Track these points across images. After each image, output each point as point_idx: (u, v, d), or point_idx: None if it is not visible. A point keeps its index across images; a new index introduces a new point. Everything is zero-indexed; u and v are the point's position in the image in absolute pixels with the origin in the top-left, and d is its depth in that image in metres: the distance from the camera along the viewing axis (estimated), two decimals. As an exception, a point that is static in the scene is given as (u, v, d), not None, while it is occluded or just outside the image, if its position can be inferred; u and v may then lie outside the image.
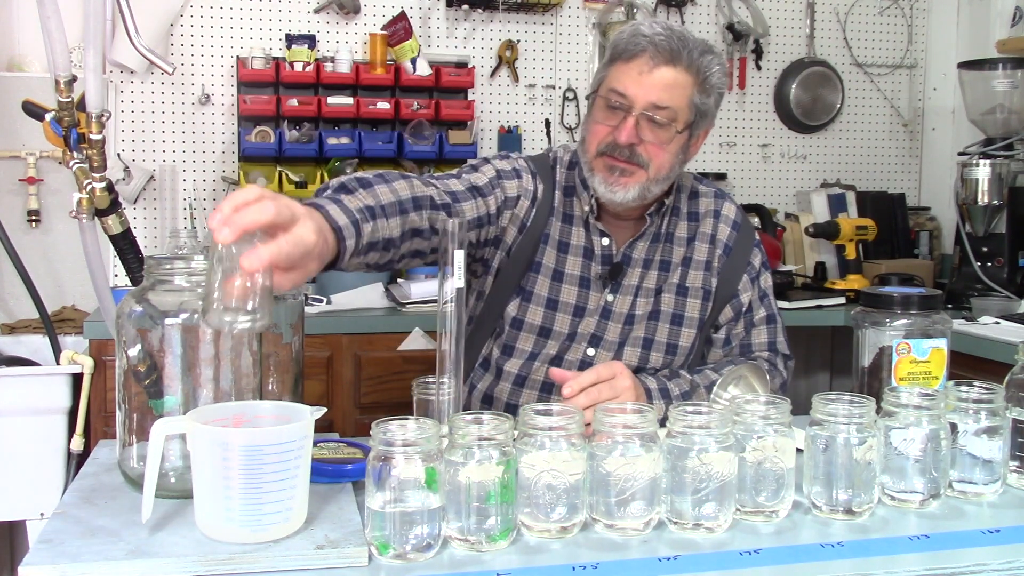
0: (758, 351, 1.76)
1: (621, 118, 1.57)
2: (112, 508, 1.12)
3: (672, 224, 1.74)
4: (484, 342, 1.73)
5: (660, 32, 1.57)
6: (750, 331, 1.76)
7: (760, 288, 1.77)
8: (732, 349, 1.76)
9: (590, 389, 1.41)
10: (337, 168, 3.19)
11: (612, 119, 1.59)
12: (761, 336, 1.76)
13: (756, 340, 1.76)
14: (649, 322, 1.70)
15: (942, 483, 1.20)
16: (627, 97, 1.57)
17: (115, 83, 3.16)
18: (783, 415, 1.15)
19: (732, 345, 1.76)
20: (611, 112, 1.59)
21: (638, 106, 1.56)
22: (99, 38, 1.53)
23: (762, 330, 1.76)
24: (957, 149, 3.41)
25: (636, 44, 1.56)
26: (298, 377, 1.43)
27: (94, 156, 1.51)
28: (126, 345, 1.18)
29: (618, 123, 1.58)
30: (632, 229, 1.71)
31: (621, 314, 1.70)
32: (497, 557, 1.03)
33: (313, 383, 2.70)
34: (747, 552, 1.05)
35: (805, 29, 3.77)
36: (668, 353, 1.70)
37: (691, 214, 1.76)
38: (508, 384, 1.70)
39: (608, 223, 1.70)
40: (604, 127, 1.60)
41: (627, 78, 1.57)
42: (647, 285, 1.71)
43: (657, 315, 1.70)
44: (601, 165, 1.61)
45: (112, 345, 1.24)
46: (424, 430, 1.03)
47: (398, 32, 3.26)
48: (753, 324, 1.76)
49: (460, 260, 1.30)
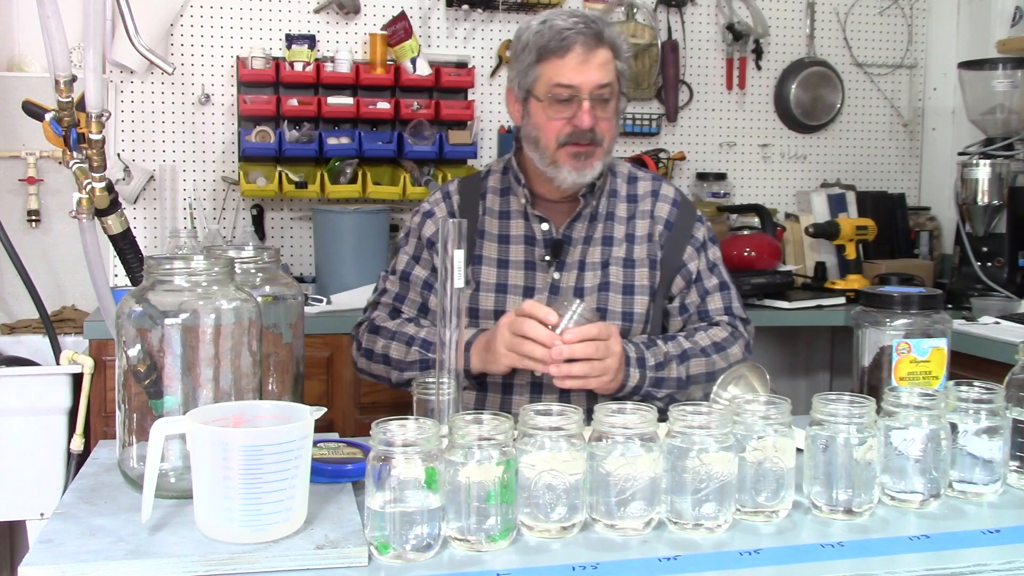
0: (716, 315, 1.85)
1: (574, 108, 1.69)
2: (112, 508, 1.12)
3: (611, 205, 1.85)
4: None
5: (578, 20, 1.71)
6: (705, 298, 1.86)
7: (708, 259, 1.88)
8: (690, 316, 1.86)
9: (587, 343, 1.54)
10: (337, 168, 3.19)
11: (564, 111, 1.70)
12: (716, 302, 1.86)
13: (712, 306, 1.86)
14: (600, 293, 1.79)
15: (942, 483, 1.20)
16: (575, 87, 1.69)
17: (115, 83, 3.16)
18: (783, 415, 1.15)
19: (690, 312, 1.86)
20: (560, 105, 1.70)
21: (585, 91, 1.69)
22: (99, 38, 1.52)
23: (716, 296, 1.86)
24: (957, 149, 3.41)
25: (564, 39, 1.68)
26: (298, 377, 1.43)
27: (94, 156, 1.51)
28: (126, 345, 1.18)
29: (572, 113, 1.70)
30: (567, 211, 1.82)
31: (569, 288, 1.79)
32: (497, 557, 1.03)
33: (313, 383, 2.69)
34: (747, 552, 1.05)
35: (805, 29, 3.77)
36: (625, 320, 1.79)
37: (630, 196, 1.87)
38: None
39: (544, 209, 1.82)
40: (558, 121, 1.71)
41: (568, 70, 1.69)
42: (591, 260, 1.81)
43: (608, 286, 1.80)
44: (565, 155, 1.73)
45: (112, 345, 1.24)
46: (424, 430, 1.03)
47: (398, 32, 3.26)
48: (707, 291, 1.86)
49: (460, 260, 1.31)
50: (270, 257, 1.41)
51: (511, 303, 1.77)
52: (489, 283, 1.80)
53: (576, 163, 1.72)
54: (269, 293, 1.38)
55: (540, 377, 1.73)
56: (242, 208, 3.31)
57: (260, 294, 1.34)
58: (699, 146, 3.69)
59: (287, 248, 3.35)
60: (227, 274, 1.20)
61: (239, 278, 1.28)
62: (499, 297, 1.79)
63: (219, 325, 1.17)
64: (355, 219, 3.10)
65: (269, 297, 1.37)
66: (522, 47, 1.73)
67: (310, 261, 3.34)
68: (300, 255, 3.37)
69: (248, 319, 1.20)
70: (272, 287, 1.39)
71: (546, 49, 1.69)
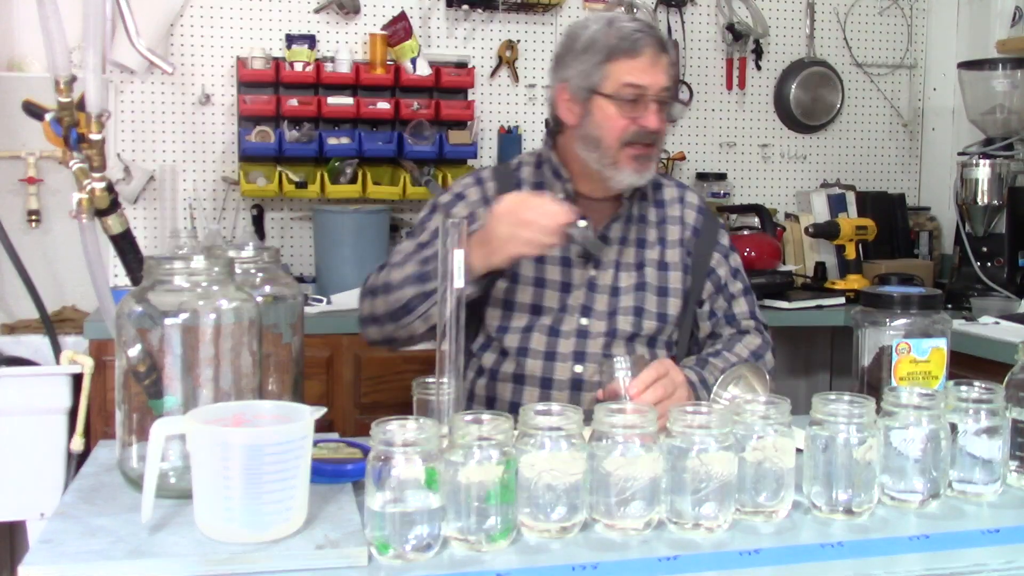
0: (743, 319, 1.89)
1: (640, 109, 1.70)
2: (112, 508, 1.12)
3: (643, 208, 1.87)
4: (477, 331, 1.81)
5: (643, 25, 1.74)
6: (731, 302, 1.89)
7: (732, 265, 1.91)
8: (718, 320, 1.88)
9: (655, 385, 1.51)
10: (337, 168, 3.19)
11: (632, 111, 1.71)
12: (742, 306, 1.90)
13: (738, 310, 1.89)
14: (637, 292, 1.81)
15: (942, 483, 1.20)
16: (644, 87, 1.70)
17: (115, 83, 3.16)
18: (783, 415, 1.15)
19: (717, 317, 1.88)
20: (627, 105, 1.70)
21: (653, 92, 1.70)
22: (99, 38, 1.52)
23: (742, 300, 1.90)
24: (957, 149, 3.40)
25: (636, 40, 1.70)
26: (298, 377, 1.43)
27: (94, 156, 1.51)
28: (126, 345, 1.18)
29: (639, 113, 1.71)
30: (607, 211, 1.83)
31: (606, 286, 1.80)
32: (497, 557, 1.03)
33: (313, 383, 2.69)
34: (747, 552, 1.05)
35: (805, 29, 3.76)
36: (659, 321, 1.81)
37: (657, 201, 1.90)
38: (513, 357, 1.77)
39: (582, 206, 1.79)
40: (624, 119, 1.71)
41: (638, 70, 1.70)
42: (626, 260, 1.82)
43: (644, 286, 1.81)
44: (627, 156, 1.73)
45: (112, 345, 1.24)
46: (424, 430, 1.03)
47: (398, 32, 3.26)
48: (733, 296, 1.89)
49: (460, 260, 1.31)
50: (270, 257, 1.41)
51: (548, 297, 1.77)
52: (528, 276, 1.78)
53: (637, 164, 1.73)
54: (269, 293, 1.38)
55: (581, 374, 1.74)
56: (242, 208, 3.31)
57: (260, 294, 1.34)
58: (699, 146, 3.69)
59: (287, 248, 3.35)
60: (227, 274, 1.20)
61: (239, 278, 1.28)
62: (536, 291, 1.78)
63: (219, 325, 1.17)
64: (355, 219, 3.10)
65: (269, 297, 1.37)
66: (584, 46, 1.73)
67: (310, 261, 3.34)
68: (300, 255, 3.37)
69: (248, 319, 1.20)
70: (272, 287, 1.39)
71: (617, 49, 1.70)
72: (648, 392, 1.50)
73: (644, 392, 1.49)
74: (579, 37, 1.75)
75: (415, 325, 1.65)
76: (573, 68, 1.75)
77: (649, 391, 1.50)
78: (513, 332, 1.77)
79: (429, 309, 1.61)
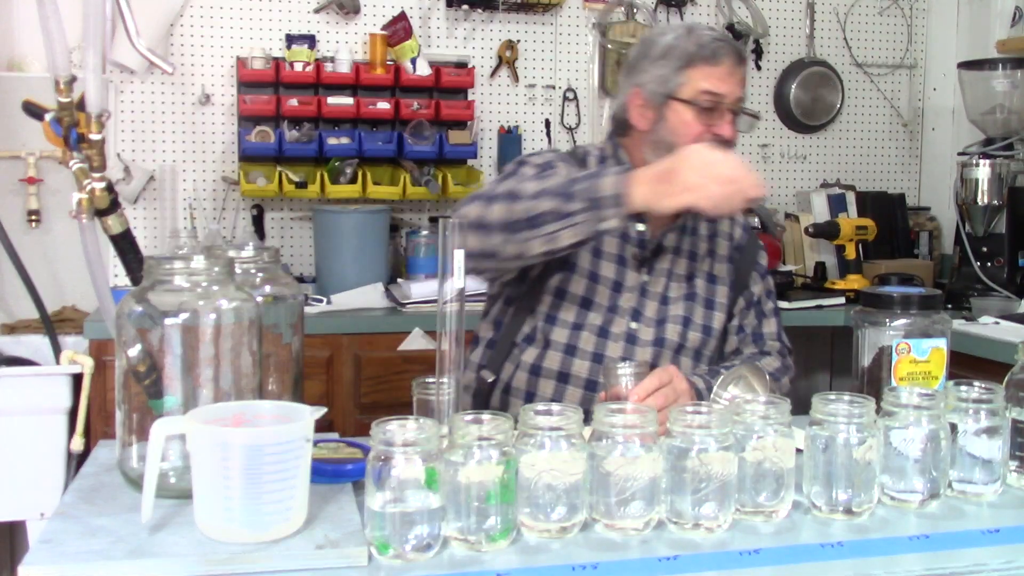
0: (769, 340, 1.89)
1: (715, 117, 1.71)
2: (112, 508, 1.12)
3: (696, 220, 1.86)
4: (524, 320, 1.79)
5: (721, 35, 1.76)
6: (761, 320, 1.90)
7: (767, 285, 1.92)
8: (745, 337, 1.88)
9: (656, 394, 1.51)
10: (337, 168, 3.19)
11: (709, 119, 1.71)
12: (771, 327, 1.91)
13: (767, 330, 1.90)
14: (686, 303, 1.81)
15: (942, 483, 1.20)
16: (721, 95, 1.70)
17: (115, 83, 3.16)
18: (783, 415, 1.15)
19: (745, 333, 1.88)
20: (704, 113, 1.71)
21: (729, 101, 1.71)
22: (99, 38, 1.52)
23: (772, 321, 1.91)
24: (957, 149, 3.40)
25: (717, 49, 1.71)
26: (298, 377, 1.43)
27: (94, 156, 1.51)
28: (126, 345, 1.18)
29: (714, 122, 1.71)
30: (665, 220, 1.80)
31: (657, 293, 1.79)
32: (497, 557, 1.03)
33: (313, 383, 2.69)
34: (747, 552, 1.05)
35: (805, 29, 3.77)
36: (704, 333, 1.81)
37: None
38: (558, 353, 1.75)
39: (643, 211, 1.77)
40: (699, 126, 1.71)
41: (716, 78, 1.70)
42: (678, 271, 1.82)
43: (693, 297, 1.82)
44: None
45: (112, 345, 1.24)
46: (424, 430, 1.03)
47: (398, 32, 3.26)
48: (764, 315, 1.90)
49: (460, 260, 1.31)
50: (270, 257, 1.41)
51: (600, 294, 1.76)
52: (584, 268, 1.76)
53: None
54: (269, 293, 1.38)
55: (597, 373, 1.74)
56: (242, 208, 3.31)
57: (260, 294, 1.34)
58: (699, 146, 3.69)
59: (287, 248, 3.35)
60: (227, 274, 1.20)
61: (239, 278, 1.28)
62: (590, 285, 1.76)
63: (219, 325, 1.17)
64: (355, 219, 3.10)
65: (269, 297, 1.37)
66: (661, 52, 1.73)
67: (310, 261, 3.34)
68: (300, 255, 3.37)
69: (248, 319, 1.20)
70: (272, 287, 1.39)
71: (698, 56, 1.70)
72: (650, 400, 1.50)
73: (646, 400, 1.50)
74: (656, 44, 1.75)
75: (532, 244, 1.51)
76: (649, 73, 1.74)
77: (651, 399, 1.50)
78: (561, 326, 1.75)
79: (561, 231, 1.48)
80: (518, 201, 1.52)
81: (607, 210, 1.45)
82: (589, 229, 1.47)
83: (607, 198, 1.45)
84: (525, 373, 1.77)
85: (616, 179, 1.47)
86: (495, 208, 1.54)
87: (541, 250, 1.52)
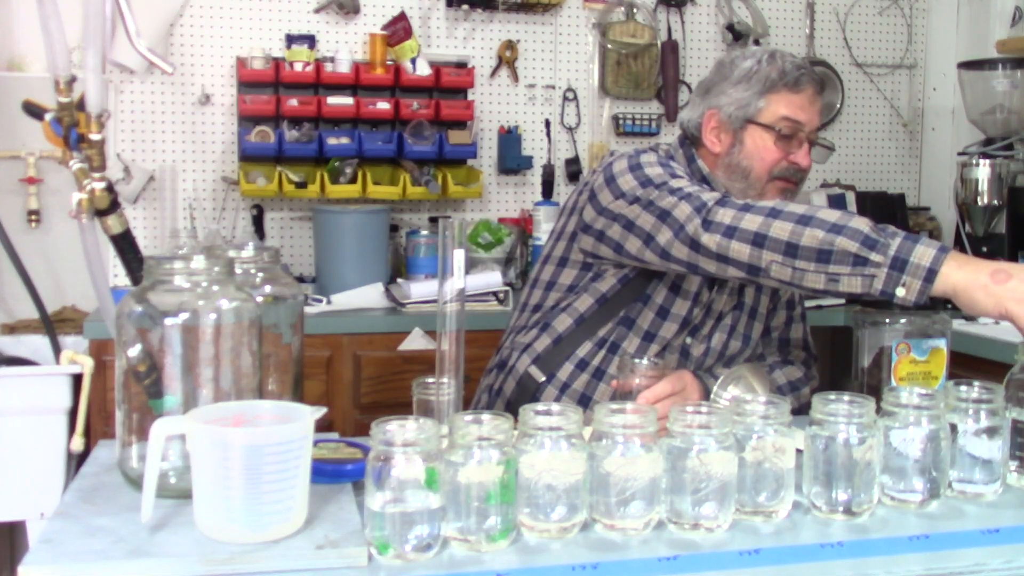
0: (795, 346, 1.90)
1: (792, 145, 1.71)
2: (112, 508, 1.12)
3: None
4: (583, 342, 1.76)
5: (804, 61, 1.76)
6: (790, 325, 1.90)
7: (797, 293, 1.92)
8: (770, 340, 1.88)
9: (666, 401, 1.51)
10: (337, 168, 3.19)
11: (786, 146, 1.71)
12: (798, 332, 1.91)
13: (794, 335, 1.91)
14: (734, 312, 1.82)
15: (942, 483, 1.20)
16: (801, 123, 1.70)
17: (115, 83, 3.16)
18: (783, 415, 1.15)
19: (772, 336, 1.88)
20: (782, 140, 1.70)
21: (808, 129, 1.71)
22: (99, 38, 1.52)
23: (799, 327, 1.92)
24: (957, 149, 3.41)
25: (799, 77, 1.70)
26: (298, 377, 1.43)
27: (94, 156, 1.50)
28: (126, 345, 1.18)
29: (792, 149, 1.71)
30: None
31: (716, 311, 1.80)
32: (497, 557, 1.03)
33: (313, 383, 2.69)
34: (747, 552, 1.05)
35: (805, 29, 3.77)
36: (744, 343, 1.83)
37: None
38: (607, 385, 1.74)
39: None
40: (778, 152, 1.71)
41: (797, 106, 1.70)
42: (733, 284, 1.81)
43: (741, 307, 1.82)
44: (775, 189, 1.73)
45: (112, 345, 1.24)
46: (424, 430, 1.03)
47: (398, 32, 3.26)
48: (792, 319, 1.91)
49: (460, 260, 1.31)
50: (270, 257, 1.41)
51: (665, 329, 1.75)
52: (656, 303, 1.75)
53: (782, 198, 1.71)
54: (269, 293, 1.38)
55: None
56: (242, 208, 3.31)
57: (260, 294, 1.34)
58: (699, 146, 3.69)
59: (287, 248, 3.35)
60: (227, 274, 1.20)
61: (239, 278, 1.28)
62: (656, 320, 1.76)
63: (219, 325, 1.17)
64: (355, 219, 3.10)
65: (269, 297, 1.37)
66: (742, 76, 1.72)
67: (310, 261, 3.34)
68: (300, 255, 3.37)
69: (248, 319, 1.20)
70: (272, 287, 1.39)
71: (780, 82, 1.69)
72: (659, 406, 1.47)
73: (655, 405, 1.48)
74: (736, 67, 1.74)
75: (809, 276, 1.40)
76: (728, 96, 1.73)
77: (660, 405, 1.48)
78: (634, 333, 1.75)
79: (847, 276, 1.36)
80: (809, 226, 1.40)
81: (911, 278, 1.30)
82: (877, 287, 1.33)
83: (918, 267, 1.30)
84: (586, 375, 1.76)
85: (936, 253, 1.31)
86: (776, 225, 1.43)
87: (812, 286, 1.40)
